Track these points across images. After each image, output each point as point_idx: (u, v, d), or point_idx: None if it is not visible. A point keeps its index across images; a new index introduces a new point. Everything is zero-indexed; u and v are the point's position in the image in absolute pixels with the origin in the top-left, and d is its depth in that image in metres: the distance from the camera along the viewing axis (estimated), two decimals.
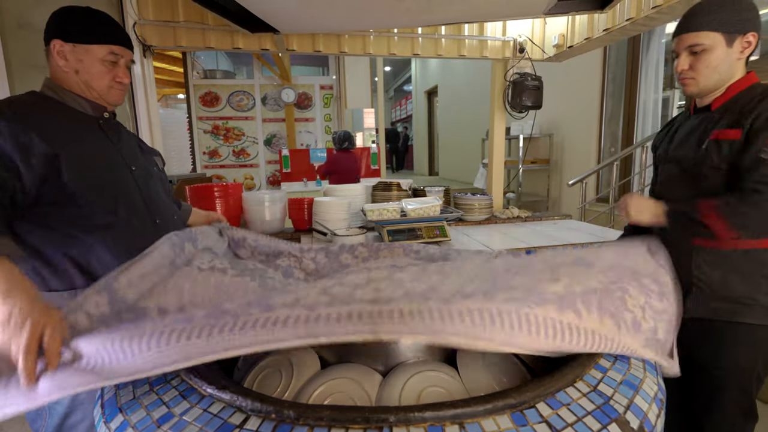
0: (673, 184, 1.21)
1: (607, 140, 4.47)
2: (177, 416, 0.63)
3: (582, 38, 2.32)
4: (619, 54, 4.31)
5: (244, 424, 0.62)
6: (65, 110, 1.04)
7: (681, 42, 1.09)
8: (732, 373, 1.09)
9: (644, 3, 1.87)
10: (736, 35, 1.04)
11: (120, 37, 1.07)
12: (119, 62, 1.07)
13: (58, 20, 1.02)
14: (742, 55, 1.06)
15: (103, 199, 1.03)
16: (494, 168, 2.88)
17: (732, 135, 1.06)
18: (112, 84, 1.07)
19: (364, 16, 1.97)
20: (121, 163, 1.09)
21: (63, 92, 1.04)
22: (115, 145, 1.10)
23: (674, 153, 1.21)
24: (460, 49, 2.57)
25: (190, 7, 2.16)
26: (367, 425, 0.59)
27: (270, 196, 2.06)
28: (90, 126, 1.07)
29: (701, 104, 1.16)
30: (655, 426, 0.71)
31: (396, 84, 15.02)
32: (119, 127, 1.17)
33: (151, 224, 1.13)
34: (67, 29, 1.01)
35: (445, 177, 9.07)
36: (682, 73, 1.11)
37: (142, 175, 1.14)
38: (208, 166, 5.74)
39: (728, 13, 1.02)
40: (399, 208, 2.04)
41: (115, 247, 1.04)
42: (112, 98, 1.09)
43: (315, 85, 6.00)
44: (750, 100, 1.05)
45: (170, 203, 1.27)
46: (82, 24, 1.02)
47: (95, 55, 1.03)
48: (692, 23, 1.06)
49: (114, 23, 1.08)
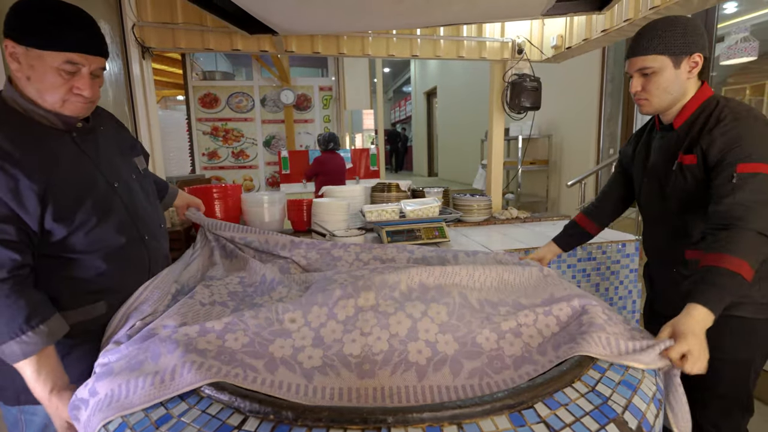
0: (654, 201, 1.25)
1: (605, 141, 4.47)
2: (175, 417, 0.63)
3: (580, 39, 2.32)
4: (617, 55, 4.32)
5: (243, 425, 0.62)
6: (33, 127, 0.90)
7: (631, 65, 1.13)
8: (728, 365, 1.10)
9: (642, 4, 1.87)
10: (683, 57, 1.07)
11: (83, 43, 0.88)
12: (80, 71, 0.90)
13: (14, 15, 0.85)
14: (690, 74, 1.09)
15: (89, 225, 0.95)
16: (493, 169, 2.88)
17: (689, 160, 1.10)
18: (68, 96, 0.90)
19: (363, 17, 1.97)
20: (102, 181, 0.99)
21: (25, 103, 0.89)
22: (93, 160, 0.98)
23: (651, 170, 1.25)
24: (459, 50, 2.58)
25: (188, 8, 2.16)
26: (365, 426, 0.59)
27: (269, 198, 2.06)
28: (62, 142, 0.93)
29: (665, 121, 1.20)
30: (653, 426, 0.71)
31: (395, 85, 15.03)
32: (96, 135, 1.03)
33: (140, 241, 1.08)
34: (21, 28, 0.84)
35: (445, 178, 9.07)
36: (636, 94, 1.15)
37: (125, 190, 1.05)
38: (207, 167, 5.74)
39: (673, 36, 1.06)
40: (398, 209, 2.04)
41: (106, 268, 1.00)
42: (68, 111, 0.92)
43: (314, 87, 6.01)
44: (706, 120, 1.08)
45: (154, 211, 1.19)
46: (38, 23, 0.84)
47: (48, 63, 0.85)
48: (640, 47, 1.10)
49: (79, 24, 0.89)
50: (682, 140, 1.14)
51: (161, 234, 1.19)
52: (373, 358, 0.80)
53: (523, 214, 2.58)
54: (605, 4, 1.87)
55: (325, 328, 0.86)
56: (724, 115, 1.05)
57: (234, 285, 1.18)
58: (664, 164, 1.20)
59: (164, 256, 1.21)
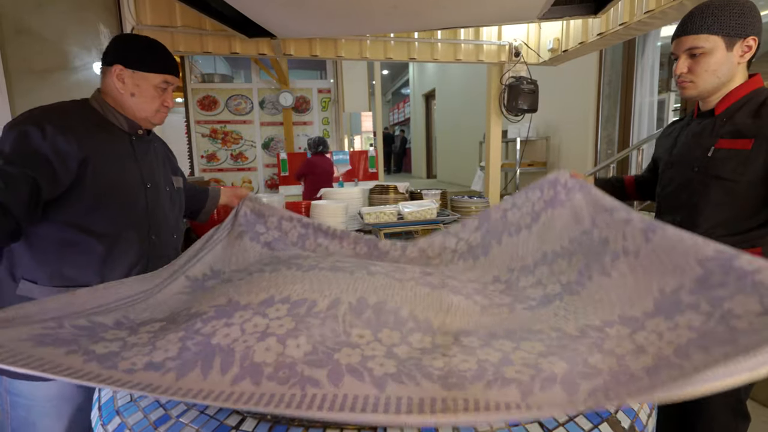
0: (678, 192, 1.18)
1: (603, 143, 4.50)
2: (174, 418, 0.64)
3: (576, 42, 2.34)
4: (614, 57, 4.35)
5: (240, 426, 0.63)
6: (103, 122, 1.14)
7: (680, 44, 1.07)
8: None
9: (637, 8, 1.89)
10: (737, 39, 1.02)
11: (173, 68, 1.20)
12: (168, 89, 1.20)
13: (121, 46, 1.15)
14: (742, 59, 1.04)
15: (108, 207, 1.09)
16: (491, 171, 2.89)
17: (740, 145, 1.03)
18: (160, 108, 1.20)
19: (361, 21, 1.99)
20: (137, 178, 1.17)
21: (106, 107, 1.15)
22: (138, 161, 1.19)
23: (677, 158, 1.19)
24: (456, 54, 2.59)
25: (187, 12, 2.17)
26: (361, 426, 0.59)
27: (268, 200, 2.06)
28: (121, 140, 1.16)
29: (704, 108, 1.14)
30: (646, 426, 0.72)
31: (394, 87, 15.07)
32: (150, 145, 1.26)
33: (146, 240, 1.19)
34: (129, 56, 1.13)
35: (444, 180, 9.09)
36: (681, 75, 1.09)
37: (154, 193, 1.22)
38: (206, 169, 5.74)
39: (729, 17, 1.01)
40: (396, 211, 2.05)
41: (103, 255, 1.10)
42: (157, 120, 1.22)
43: (313, 89, 6.02)
44: (758, 107, 1.02)
45: (175, 223, 1.34)
46: (143, 53, 1.15)
47: (151, 82, 1.16)
48: (692, 26, 1.04)
49: (169, 55, 1.21)
50: (721, 126, 1.08)
51: (171, 242, 1.30)
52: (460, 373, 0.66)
53: None
54: (601, 7, 1.89)
55: (398, 347, 0.74)
56: None
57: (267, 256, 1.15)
58: (695, 149, 1.13)
59: (166, 259, 1.25)
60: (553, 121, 5.11)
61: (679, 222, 1.17)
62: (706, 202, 1.10)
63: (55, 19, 1.94)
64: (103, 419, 0.69)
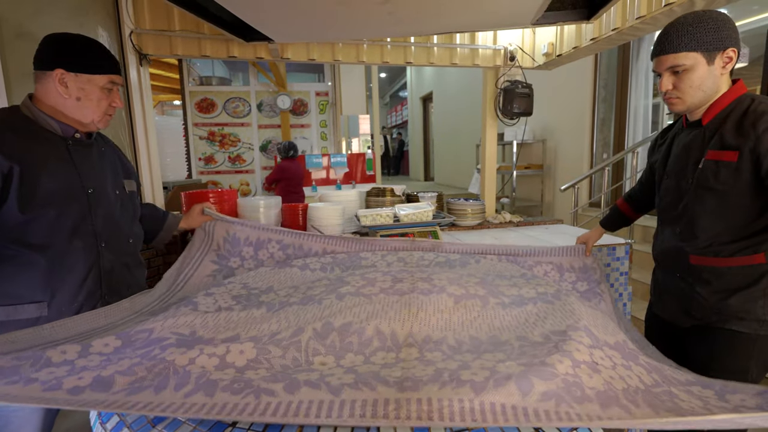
0: (675, 203, 1.20)
1: (599, 146, 4.53)
2: (171, 416, 0.65)
3: (570, 47, 2.37)
4: (609, 61, 4.39)
5: (237, 424, 0.64)
6: (34, 129, 1.08)
7: (661, 63, 1.07)
8: (724, 375, 1.10)
9: (629, 14, 1.92)
10: (716, 52, 1.02)
11: (117, 67, 1.16)
12: (114, 89, 1.15)
13: (59, 48, 1.08)
14: (724, 70, 1.05)
15: (44, 217, 1.04)
16: (487, 173, 2.92)
17: (728, 157, 1.04)
18: (108, 109, 1.15)
19: (358, 26, 2.01)
20: (75, 183, 1.11)
21: (38, 112, 1.09)
22: (76, 166, 1.12)
23: (672, 169, 1.20)
24: (452, 58, 2.62)
25: (185, 16, 2.20)
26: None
27: (265, 202, 2.08)
28: (55, 146, 1.10)
29: (692, 118, 1.15)
30: None
31: (391, 90, 15.11)
32: (92, 148, 1.19)
33: (94, 249, 1.13)
34: (71, 59, 1.07)
35: (441, 182, 9.12)
36: (667, 93, 1.09)
37: (98, 198, 1.15)
38: (204, 172, 5.76)
39: (705, 32, 1.01)
40: (392, 213, 2.07)
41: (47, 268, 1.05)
42: (102, 124, 1.17)
43: (310, 92, 6.05)
44: (741, 117, 1.04)
45: (130, 229, 1.28)
46: (85, 55, 1.09)
47: (97, 84, 1.11)
48: (669, 45, 1.04)
49: (111, 54, 1.16)
50: (710, 137, 1.09)
51: (127, 248, 1.25)
52: (416, 378, 0.67)
53: (516, 219, 2.61)
54: (593, 13, 1.92)
55: (360, 367, 0.76)
56: (762, 109, 1.01)
57: (238, 289, 1.14)
58: (688, 162, 1.14)
59: (123, 267, 1.23)
60: (549, 124, 5.15)
61: (679, 233, 1.18)
62: (702, 212, 1.11)
63: (55, 24, 1.96)
64: (102, 417, 0.70)
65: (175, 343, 0.80)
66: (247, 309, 0.98)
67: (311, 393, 0.63)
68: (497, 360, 0.74)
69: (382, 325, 0.88)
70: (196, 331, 0.86)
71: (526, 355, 0.75)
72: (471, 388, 0.63)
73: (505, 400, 0.61)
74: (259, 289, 1.17)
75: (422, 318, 0.92)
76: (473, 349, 0.82)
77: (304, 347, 0.80)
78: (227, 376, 0.68)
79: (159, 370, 0.71)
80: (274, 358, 0.76)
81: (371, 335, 0.85)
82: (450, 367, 0.71)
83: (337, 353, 0.80)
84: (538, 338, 0.82)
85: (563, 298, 1.01)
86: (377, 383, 0.66)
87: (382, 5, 1.66)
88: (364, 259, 1.41)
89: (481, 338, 0.86)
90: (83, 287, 1.11)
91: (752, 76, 3.76)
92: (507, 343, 0.82)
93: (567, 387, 0.65)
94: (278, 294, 1.10)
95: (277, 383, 0.65)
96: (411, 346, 0.82)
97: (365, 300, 0.99)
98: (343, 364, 0.77)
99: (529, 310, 0.97)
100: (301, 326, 0.87)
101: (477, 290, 1.04)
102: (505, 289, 1.09)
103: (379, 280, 1.09)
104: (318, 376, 0.69)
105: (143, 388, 0.67)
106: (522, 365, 0.69)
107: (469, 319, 0.93)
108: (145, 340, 0.81)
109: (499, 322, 0.93)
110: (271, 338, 0.82)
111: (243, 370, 0.72)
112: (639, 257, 3.39)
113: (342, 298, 1.00)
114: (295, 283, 1.21)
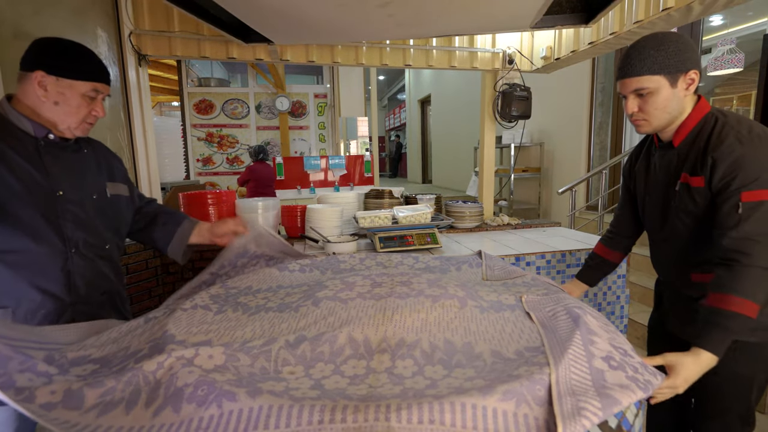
0: (657, 220, 1.21)
1: (596, 149, 4.56)
2: None
3: (568, 51, 2.39)
4: (607, 65, 4.42)
5: None
6: (6, 127, 1.05)
7: (625, 86, 1.07)
8: (730, 381, 1.10)
9: (627, 18, 1.94)
10: (678, 75, 1.02)
11: (104, 75, 1.11)
12: (97, 98, 1.11)
13: (43, 52, 1.05)
14: (687, 92, 1.05)
15: (4, 220, 0.99)
16: (484, 176, 2.92)
17: (696, 183, 1.06)
18: (87, 117, 1.11)
19: (358, 28, 2.02)
20: (43, 186, 1.05)
21: (10, 110, 1.06)
22: (46, 167, 1.07)
23: (653, 188, 1.22)
24: (451, 60, 2.63)
25: (185, 17, 2.19)
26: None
27: (263, 204, 2.08)
28: (24, 145, 1.05)
29: (663, 138, 1.16)
30: (632, 425, 0.74)
31: (390, 93, 15.14)
32: (67, 150, 1.14)
33: (63, 254, 1.08)
34: (53, 63, 1.04)
35: (439, 185, 9.13)
36: (633, 115, 1.10)
37: (69, 202, 1.10)
38: (202, 173, 5.75)
39: (666, 56, 1.01)
40: (390, 215, 2.07)
41: (11, 275, 1.01)
42: (80, 131, 1.12)
43: (309, 94, 6.06)
44: (707, 139, 1.05)
45: (107, 233, 1.21)
46: (69, 59, 1.05)
47: (78, 90, 1.07)
48: (632, 69, 1.04)
49: (98, 61, 1.11)
50: (683, 159, 1.10)
51: (103, 254, 1.19)
52: (380, 395, 0.69)
53: (514, 221, 2.62)
54: (591, 17, 1.94)
55: (328, 380, 0.76)
56: (725, 133, 1.01)
57: (216, 288, 1.12)
58: (666, 184, 1.16)
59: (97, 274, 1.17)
60: (547, 128, 5.17)
61: (672, 254, 1.20)
62: (686, 232, 1.13)
63: (54, 24, 1.95)
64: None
65: (148, 353, 0.79)
66: (223, 312, 0.98)
67: (272, 399, 0.64)
68: (466, 377, 0.75)
69: (355, 332, 0.87)
70: (168, 330, 0.85)
71: (496, 371, 0.76)
72: (434, 397, 0.65)
73: (465, 400, 0.63)
74: (238, 288, 1.15)
75: (397, 320, 0.91)
76: (446, 358, 0.82)
77: (274, 357, 0.80)
78: (192, 377, 0.68)
79: (128, 378, 0.70)
80: (242, 367, 0.76)
81: (343, 343, 0.85)
82: (417, 386, 0.72)
83: (307, 363, 0.80)
84: (512, 355, 0.82)
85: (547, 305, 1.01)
86: (340, 398, 0.67)
87: (383, 8, 1.67)
88: (342, 262, 1.41)
89: (455, 343, 0.86)
90: (50, 294, 1.06)
91: (747, 81, 3.80)
92: (480, 358, 0.82)
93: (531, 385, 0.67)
94: (256, 296, 1.09)
95: (240, 388, 0.67)
96: (384, 352, 0.83)
97: (341, 306, 0.98)
98: (312, 374, 0.77)
99: (507, 317, 0.97)
100: (275, 336, 0.87)
101: (456, 291, 1.04)
102: (484, 294, 1.09)
103: (358, 284, 1.09)
104: (283, 388, 0.70)
105: (115, 404, 0.66)
106: (489, 380, 0.71)
107: (446, 320, 0.93)
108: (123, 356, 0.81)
109: (476, 326, 0.92)
110: (242, 346, 0.82)
111: (209, 372, 0.72)
112: (636, 261, 3.41)
113: (318, 303, 0.99)
114: (274, 284, 1.20)
